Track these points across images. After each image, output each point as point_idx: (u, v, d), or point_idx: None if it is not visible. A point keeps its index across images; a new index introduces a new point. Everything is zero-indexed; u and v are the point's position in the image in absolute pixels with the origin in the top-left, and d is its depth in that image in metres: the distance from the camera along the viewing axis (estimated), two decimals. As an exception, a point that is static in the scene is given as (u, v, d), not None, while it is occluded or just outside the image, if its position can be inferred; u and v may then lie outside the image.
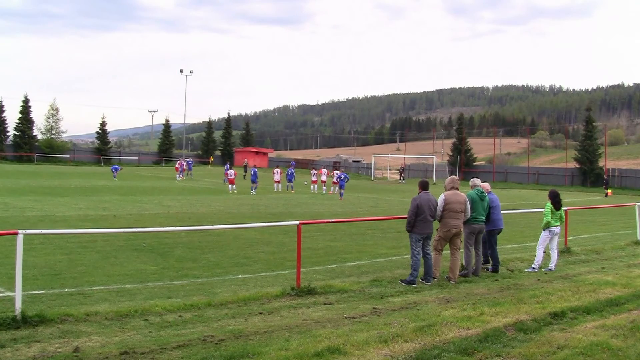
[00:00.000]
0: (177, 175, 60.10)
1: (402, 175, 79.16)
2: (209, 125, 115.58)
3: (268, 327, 8.56)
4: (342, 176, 44.90)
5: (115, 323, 8.57)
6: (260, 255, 15.74)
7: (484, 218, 13.66)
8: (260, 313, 9.40)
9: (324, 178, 48.94)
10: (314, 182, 48.66)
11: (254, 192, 43.01)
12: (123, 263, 13.87)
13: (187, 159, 69.38)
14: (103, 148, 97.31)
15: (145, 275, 12.59)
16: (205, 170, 78.48)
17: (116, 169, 56.71)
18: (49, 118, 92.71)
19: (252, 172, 44.74)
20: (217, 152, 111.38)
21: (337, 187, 45.86)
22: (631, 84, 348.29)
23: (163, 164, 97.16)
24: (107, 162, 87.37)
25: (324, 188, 47.89)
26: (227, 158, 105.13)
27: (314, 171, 50.29)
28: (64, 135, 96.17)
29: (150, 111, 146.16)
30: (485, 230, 13.97)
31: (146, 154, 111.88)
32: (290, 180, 46.21)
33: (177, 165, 62.96)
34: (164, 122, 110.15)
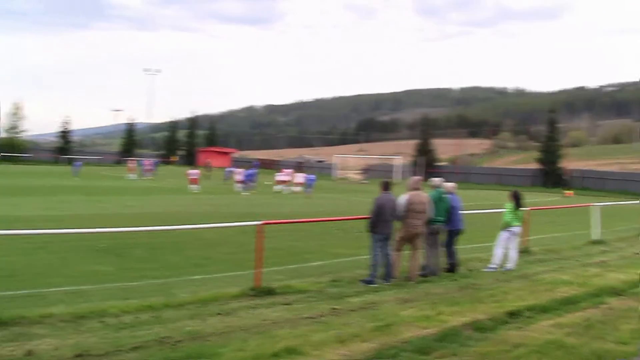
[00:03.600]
0: (130, 175, 59.74)
1: (365, 175, 79.59)
2: (173, 125, 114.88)
3: (226, 327, 8.54)
4: (311, 177, 46.01)
5: (71, 325, 8.48)
6: (220, 256, 15.70)
7: (443, 219, 13.78)
8: (219, 314, 9.37)
9: (286, 178, 49.01)
10: (280, 182, 48.66)
11: (245, 192, 43.41)
12: (80, 264, 13.73)
13: (153, 159, 69.05)
14: (66, 147, 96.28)
15: (102, 276, 12.46)
16: (168, 170, 77.83)
17: (78, 165, 56.22)
18: (11, 116, 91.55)
19: (249, 173, 44.89)
20: (181, 152, 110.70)
21: (300, 187, 46.67)
22: (593, 86, 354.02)
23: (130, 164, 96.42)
24: (70, 162, 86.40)
25: (286, 187, 47.89)
26: (190, 158, 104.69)
27: (287, 170, 50.63)
28: (26, 134, 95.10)
29: (113, 110, 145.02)
30: (446, 231, 14.09)
31: (109, 153, 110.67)
32: (251, 181, 45.97)
33: (130, 165, 62.77)
34: (127, 121, 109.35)
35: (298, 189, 47.34)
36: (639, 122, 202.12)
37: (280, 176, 49.18)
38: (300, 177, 48.78)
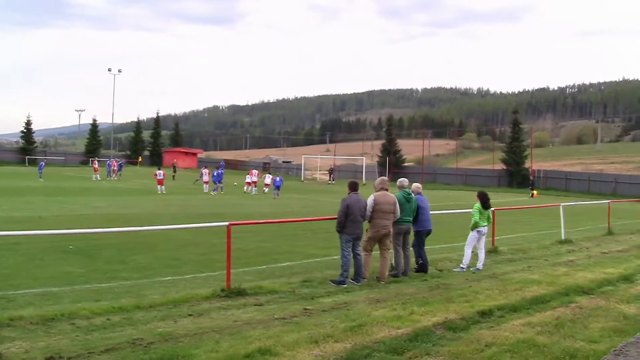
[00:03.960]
0: (95, 175, 59.17)
1: (332, 176, 79.76)
2: (138, 125, 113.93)
3: (198, 329, 8.49)
4: (277, 178, 45.99)
5: (41, 327, 8.37)
6: (190, 257, 15.62)
7: (411, 219, 13.82)
8: (190, 315, 9.32)
9: (254, 179, 48.96)
10: (249, 183, 48.57)
11: (214, 192, 43.53)
12: (49, 266, 13.58)
13: (119, 160, 68.48)
14: (28, 148, 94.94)
15: (72, 278, 12.33)
16: (133, 171, 77.26)
17: (41, 166, 55.58)
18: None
19: (217, 173, 44.74)
20: (146, 153, 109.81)
21: (268, 189, 47.04)
22: (556, 88, 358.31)
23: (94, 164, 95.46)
24: (33, 162, 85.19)
25: (255, 189, 47.85)
26: (155, 158, 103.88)
27: (254, 171, 50.66)
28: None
29: (77, 110, 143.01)
30: (414, 231, 14.16)
31: (73, 153, 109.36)
32: (219, 182, 45.75)
33: (95, 166, 62.17)
34: (91, 121, 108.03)
35: (267, 189, 47.48)
36: (600, 123, 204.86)
37: (249, 177, 49.05)
38: (268, 179, 48.79)
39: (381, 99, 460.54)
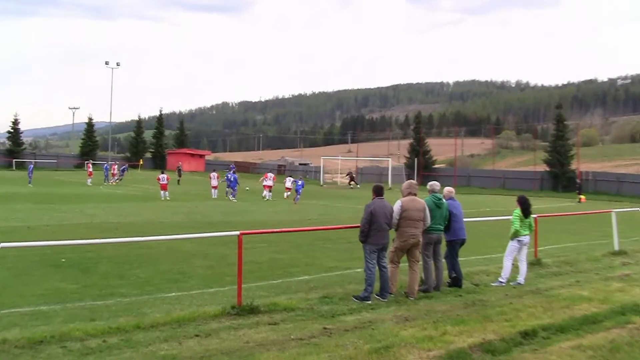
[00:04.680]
0: (89, 180, 59.40)
1: (353, 180, 79.66)
2: (139, 125, 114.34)
3: (205, 351, 8.45)
4: (299, 182, 46.63)
5: (27, 352, 8.33)
6: (196, 270, 15.58)
7: (442, 227, 13.69)
8: (197, 335, 9.28)
9: (269, 183, 48.90)
10: (267, 187, 48.58)
11: (234, 199, 44.23)
12: (38, 282, 13.57)
13: (122, 164, 68.87)
14: (16, 150, 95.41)
15: (64, 294, 12.32)
16: (134, 175, 77.59)
17: (30, 169, 55.93)
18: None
19: (233, 178, 45.05)
20: (148, 155, 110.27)
21: (288, 193, 47.80)
22: (605, 79, 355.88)
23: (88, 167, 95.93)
24: (20, 166, 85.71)
25: (269, 194, 47.83)
26: (158, 161, 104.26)
27: (269, 174, 50.68)
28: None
29: (71, 108, 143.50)
30: (446, 241, 14.04)
31: (66, 156, 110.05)
32: (232, 187, 45.68)
33: (90, 169, 62.39)
34: (86, 120, 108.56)
35: (287, 194, 47.87)
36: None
37: (267, 181, 49.03)
38: (288, 182, 48.86)
39: (408, 94, 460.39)
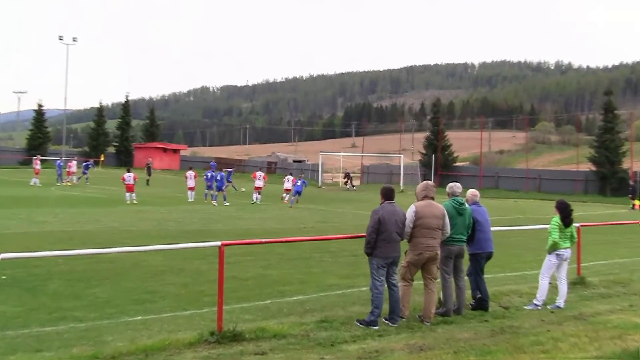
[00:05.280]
0: (34, 180, 59.01)
1: (350, 181, 79.91)
2: (100, 113, 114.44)
3: (178, 387, 8.43)
4: (299, 181, 47.23)
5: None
6: (168, 289, 15.58)
7: (465, 238, 13.64)
8: (168, 368, 9.26)
9: (259, 183, 48.99)
10: (256, 189, 48.68)
11: (224, 202, 44.33)
12: (-27, 303, 13.55)
13: (87, 160, 68.77)
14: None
15: (3, 320, 12.26)
16: (94, 174, 77.58)
17: None
18: None
19: (220, 177, 45.02)
20: (111, 149, 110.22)
21: (287, 195, 48.48)
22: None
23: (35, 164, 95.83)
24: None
25: (258, 196, 47.89)
26: (123, 157, 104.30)
27: (259, 173, 50.67)
28: None
29: (16, 92, 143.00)
30: (469, 254, 14.01)
31: (10, 150, 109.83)
32: (220, 188, 45.56)
33: (37, 167, 62.16)
34: (35, 107, 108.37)
35: (286, 197, 48.64)
36: None
37: (256, 181, 49.14)
38: (288, 182, 49.08)
39: (424, 78, 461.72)
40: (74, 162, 65.00)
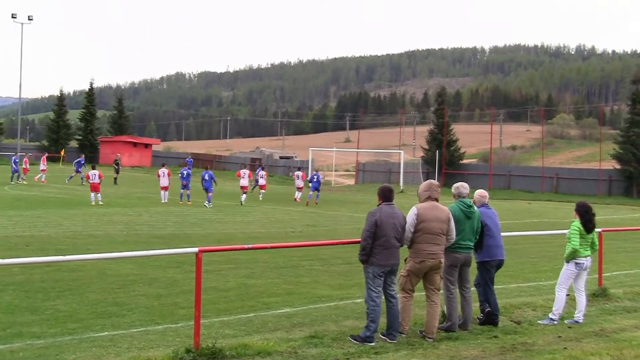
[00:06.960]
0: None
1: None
2: (60, 102, 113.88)
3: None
4: (315, 177, 49.14)
5: None
6: (138, 301, 15.59)
7: (472, 244, 13.66)
8: (138, 391, 9.31)
9: (245, 183, 49.05)
10: (243, 188, 48.76)
11: (209, 205, 43.95)
12: None
13: (78, 157, 68.56)
14: None
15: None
16: (54, 171, 77.43)
17: None
18: None
19: (209, 176, 45.00)
20: (73, 143, 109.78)
21: (300, 194, 50.17)
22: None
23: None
24: None
25: (244, 196, 47.93)
26: (88, 152, 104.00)
27: (243, 171, 50.71)
28: None
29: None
30: (477, 263, 14.05)
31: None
32: (207, 188, 45.53)
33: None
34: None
35: (299, 195, 50.15)
36: None
37: (242, 180, 49.23)
38: (299, 180, 49.43)
39: (428, 64, 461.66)
40: (28, 158, 64.31)
